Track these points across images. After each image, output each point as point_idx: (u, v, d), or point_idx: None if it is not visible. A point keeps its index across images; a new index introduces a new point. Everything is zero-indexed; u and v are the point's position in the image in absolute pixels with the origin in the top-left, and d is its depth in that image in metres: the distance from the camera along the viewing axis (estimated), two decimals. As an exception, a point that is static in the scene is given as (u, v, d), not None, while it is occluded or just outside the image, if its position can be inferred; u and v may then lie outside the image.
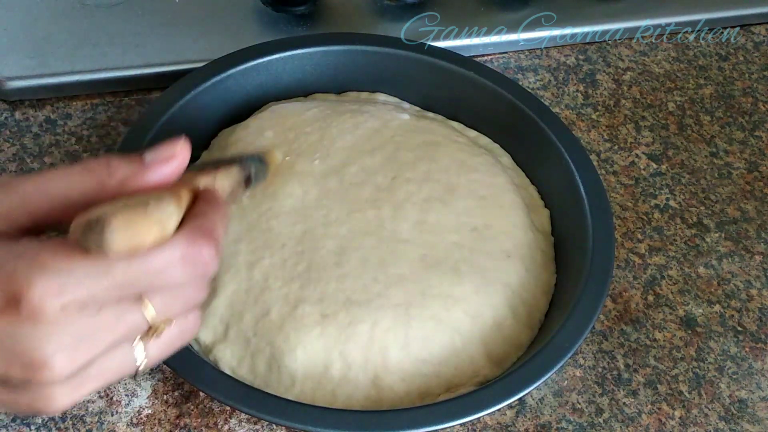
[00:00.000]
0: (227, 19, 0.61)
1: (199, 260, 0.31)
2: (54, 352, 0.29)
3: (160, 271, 0.30)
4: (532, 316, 0.47)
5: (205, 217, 0.32)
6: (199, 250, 0.31)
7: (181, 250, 0.31)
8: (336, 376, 0.43)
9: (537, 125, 0.52)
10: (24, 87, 0.57)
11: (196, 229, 0.31)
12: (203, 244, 0.31)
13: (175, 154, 0.33)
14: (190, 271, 0.31)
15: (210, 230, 0.32)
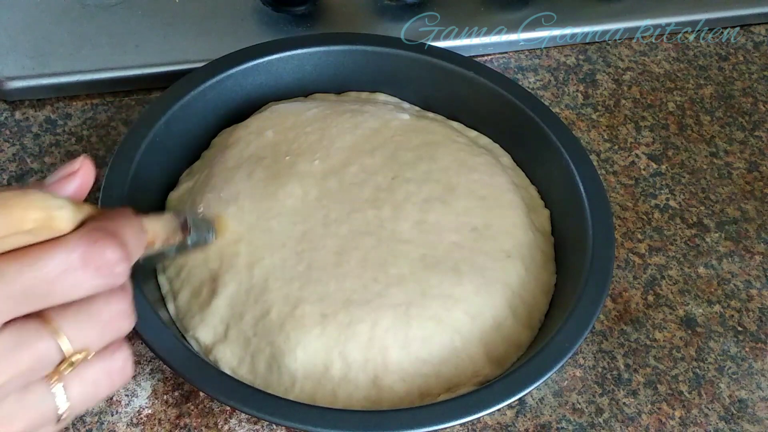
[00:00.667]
0: (227, 19, 0.61)
1: (103, 262, 0.27)
2: None
3: (58, 274, 0.26)
4: (532, 316, 0.47)
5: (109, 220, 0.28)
6: (101, 250, 0.27)
7: (79, 249, 0.26)
8: (336, 376, 0.43)
9: (537, 125, 0.52)
10: (24, 87, 0.57)
11: (96, 228, 0.27)
12: (106, 244, 0.27)
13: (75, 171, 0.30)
14: (93, 276, 0.27)
15: (114, 232, 0.27)
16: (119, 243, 0.27)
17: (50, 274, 0.26)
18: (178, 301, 0.46)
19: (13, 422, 0.27)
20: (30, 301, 0.26)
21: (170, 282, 0.47)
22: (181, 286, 0.46)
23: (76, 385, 0.28)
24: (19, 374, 0.26)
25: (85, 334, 0.28)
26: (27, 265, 0.26)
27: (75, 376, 0.28)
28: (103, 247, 0.27)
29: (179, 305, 0.46)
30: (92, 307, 0.28)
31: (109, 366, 0.29)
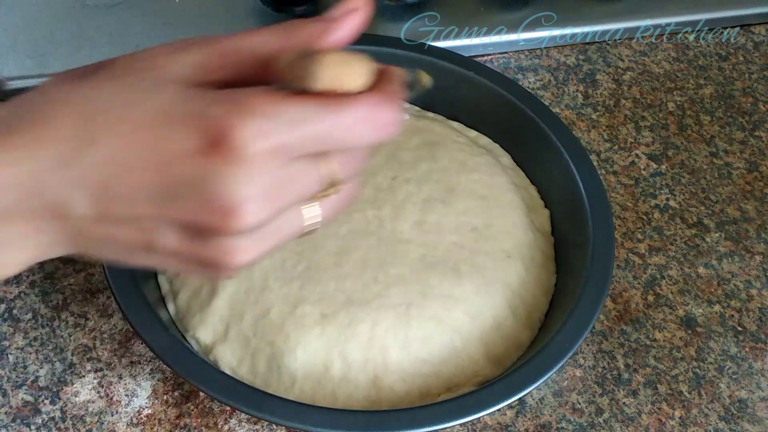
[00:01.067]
0: (227, 19, 0.61)
1: (385, 121, 0.31)
2: (247, 198, 0.29)
3: (349, 125, 0.30)
4: (532, 316, 0.47)
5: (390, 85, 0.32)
6: (385, 111, 0.31)
7: (371, 108, 0.31)
8: (336, 376, 0.43)
9: (537, 125, 0.52)
10: (24, 87, 0.56)
11: (383, 93, 0.31)
12: (388, 106, 0.31)
13: (357, 8, 0.33)
14: (375, 131, 0.31)
15: (392, 96, 0.32)
16: (397, 106, 0.32)
17: (344, 124, 0.30)
18: (178, 301, 0.46)
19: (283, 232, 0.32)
20: (324, 143, 0.31)
21: (170, 282, 0.47)
22: (181, 286, 0.46)
23: (328, 205, 0.33)
24: (299, 197, 0.32)
25: (350, 168, 0.33)
26: (330, 113, 0.30)
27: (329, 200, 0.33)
28: (386, 109, 0.31)
29: (179, 305, 0.46)
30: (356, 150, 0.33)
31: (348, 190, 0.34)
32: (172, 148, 0.29)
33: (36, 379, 0.46)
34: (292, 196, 0.31)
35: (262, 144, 0.29)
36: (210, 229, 0.30)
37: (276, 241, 0.32)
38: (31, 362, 0.46)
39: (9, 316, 0.48)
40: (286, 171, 0.30)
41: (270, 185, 0.30)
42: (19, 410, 0.45)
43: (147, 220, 0.31)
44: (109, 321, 0.48)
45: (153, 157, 0.29)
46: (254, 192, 0.29)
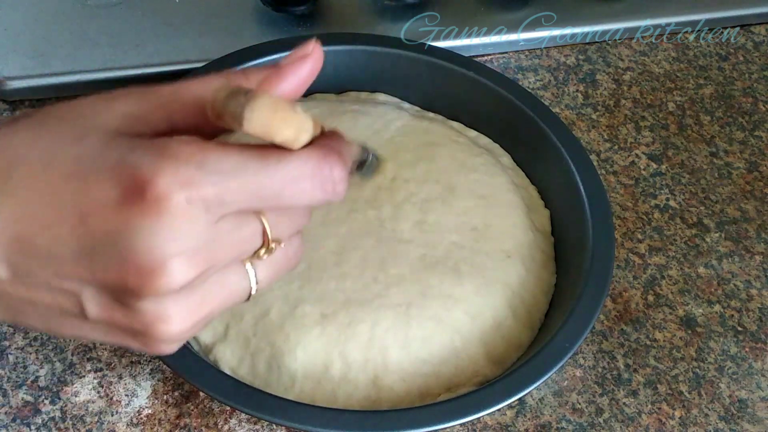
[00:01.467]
0: (227, 19, 0.61)
1: (329, 180, 0.29)
2: (172, 253, 0.27)
3: (289, 181, 0.29)
4: (532, 316, 0.47)
5: (336, 142, 0.30)
6: (330, 168, 0.29)
7: (312, 163, 0.29)
8: (336, 376, 0.43)
9: (537, 125, 0.52)
10: (24, 87, 0.57)
11: (327, 147, 0.30)
12: (335, 162, 0.29)
13: (308, 54, 0.31)
14: (318, 190, 0.29)
15: (339, 152, 0.30)
16: (344, 163, 0.30)
17: (284, 179, 0.28)
18: (178, 301, 0.46)
19: (216, 298, 0.30)
20: (260, 199, 0.28)
21: (170, 282, 0.47)
22: (181, 286, 0.46)
23: (265, 268, 0.31)
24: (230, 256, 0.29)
25: (281, 228, 0.31)
26: (267, 167, 0.28)
27: (265, 260, 0.31)
28: (332, 165, 0.29)
29: (179, 305, 0.46)
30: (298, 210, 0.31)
31: (288, 250, 0.32)
32: (88, 200, 0.27)
33: (36, 379, 0.46)
34: (224, 255, 0.29)
35: (187, 194, 0.27)
36: (132, 291, 0.28)
37: (212, 306, 0.30)
38: (31, 362, 0.46)
39: (9, 316, 0.48)
40: (216, 227, 0.28)
41: (196, 242, 0.27)
42: (19, 410, 0.45)
43: (66, 282, 0.28)
44: (109, 321, 0.48)
45: (69, 211, 0.27)
46: (178, 248, 0.27)
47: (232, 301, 0.31)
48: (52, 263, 0.28)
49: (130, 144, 0.28)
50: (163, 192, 0.26)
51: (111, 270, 0.28)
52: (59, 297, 0.29)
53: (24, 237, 0.28)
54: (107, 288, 0.28)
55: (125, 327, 0.29)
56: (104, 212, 0.27)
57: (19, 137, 0.29)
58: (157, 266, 0.27)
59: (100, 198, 0.27)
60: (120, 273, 0.27)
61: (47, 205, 0.28)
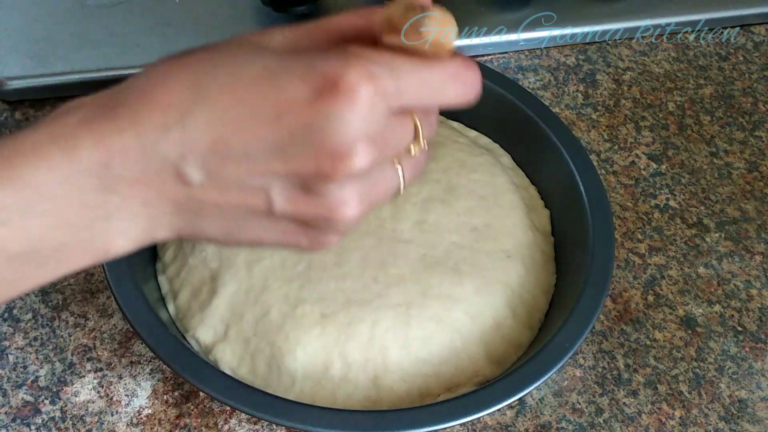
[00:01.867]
0: (227, 19, 0.61)
1: (471, 82, 0.33)
2: (357, 138, 0.30)
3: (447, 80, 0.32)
4: (532, 316, 0.47)
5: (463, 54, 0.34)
6: (473, 72, 0.33)
7: (461, 67, 0.33)
8: (336, 376, 0.43)
9: (537, 125, 0.52)
10: (24, 87, 0.57)
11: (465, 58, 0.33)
12: (474, 68, 0.33)
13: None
14: (462, 89, 0.33)
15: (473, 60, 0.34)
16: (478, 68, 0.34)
17: (440, 78, 0.32)
18: (178, 301, 0.46)
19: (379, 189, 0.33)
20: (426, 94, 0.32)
21: (170, 282, 0.47)
22: (181, 286, 0.46)
23: (408, 167, 0.34)
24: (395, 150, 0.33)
25: (429, 130, 0.34)
26: (431, 67, 0.32)
27: (409, 161, 0.34)
28: (473, 70, 0.33)
29: (179, 305, 0.46)
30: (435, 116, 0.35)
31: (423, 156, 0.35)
32: (282, 99, 0.30)
33: (36, 379, 0.46)
34: (392, 146, 0.32)
35: (374, 86, 0.30)
36: (323, 175, 0.31)
37: (377, 196, 0.33)
38: (31, 362, 0.46)
39: (9, 316, 0.48)
40: (388, 119, 0.31)
41: (376, 130, 0.31)
42: (19, 410, 0.45)
43: (257, 179, 0.31)
44: (109, 321, 0.48)
45: (264, 112, 0.30)
46: (363, 133, 0.30)
47: (387, 195, 0.34)
48: (246, 161, 0.31)
49: (311, 53, 0.32)
50: (354, 83, 0.30)
51: (305, 159, 0.30)
52: (248, 195, 0.32)
53: (220, 140, 0.30)
54: (298, 177, 0.31)
55: (308, 216, 0.32)
56: (299, 108, 0.30)
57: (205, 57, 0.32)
58: (346, 150, 0.30)
59: (293, 96, 0.30)
60: (314, 159, 0.30)
61: (241, 109, 0.30)
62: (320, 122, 0.30)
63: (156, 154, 0.30)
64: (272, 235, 0.33)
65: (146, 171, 0.31)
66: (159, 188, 0.31)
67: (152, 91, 0.31)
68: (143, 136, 0.30)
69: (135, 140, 0.30)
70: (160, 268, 0.48)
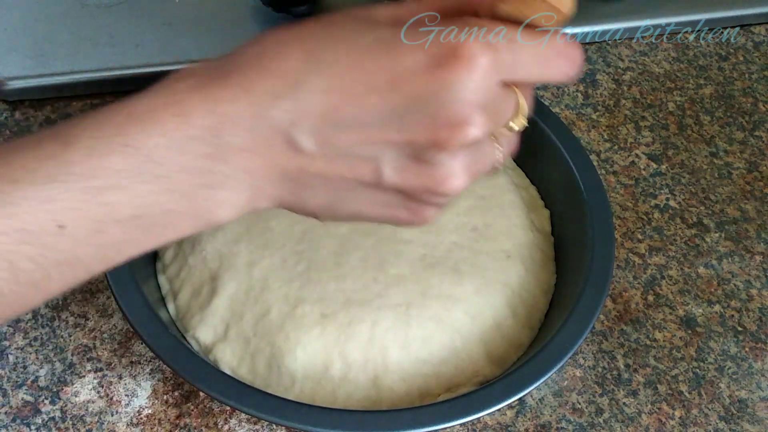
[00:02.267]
0: (227, 19, 0.61)
1: (574, 60, 0.32)
2: (477, 106, 0.30)
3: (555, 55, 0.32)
4: (532, 316, 0.47)
5: None
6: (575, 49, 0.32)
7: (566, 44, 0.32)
8: (336, 376, 0.43)
9: (537, 125, 0.52)
10: (24, 87, 0.57)
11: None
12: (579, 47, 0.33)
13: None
14: (565, 66, 0.32)
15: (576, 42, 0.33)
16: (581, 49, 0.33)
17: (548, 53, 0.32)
18: (178, 301, 0.46)
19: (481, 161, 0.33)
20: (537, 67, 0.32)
21: (170, 282, 0.47)
22: (181, 286, 0.46)
23: (505, 143, 0.34)
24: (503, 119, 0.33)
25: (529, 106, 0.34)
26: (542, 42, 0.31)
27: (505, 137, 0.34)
28: (577, 47, 0.33)
29: (179, 305, 0.46)
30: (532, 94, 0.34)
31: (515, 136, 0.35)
32: (399, 68, 0.30)
33: (36, 379, 0.46)
34: (500, 117, 0.32)
35: (492, 55, 0.30)
36: (439, 144, 0.30)
37: (479, 168, 0.33)
38: (31, 362, 0.46)
39: (9, 316, 0.48)
40: (498, 92, 0.31)
41: (489, 100, 0.31)
42: (19, 410, 0.45)
43: (369, 148, 0.31)
44: (109, 321, 0.48)
45: (380, 80, 0.30)
46: (479, 103, 0.30)
47: (487, 168, 0.34)
48: (359, 130, 0.31)
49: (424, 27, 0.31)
50: (474, 51, 0.29)
51: (421, 127, 0.30)
52: (358, 165, 0.32)
53: (333, 108, 0.30)
54: (412, 147, 0.31)
55: (415, 188, 0.32)
56: (416, 76, 0.30)
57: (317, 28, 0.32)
58: (464, 119, 0.30)
59: (411, 64, 0.30)
60: (431, 128, 0.30)
61: (357, 77, 0.30)
62: (439, 90, 0.30)
63: (268, 121, 0.30)
64: (374, 208, 0.34)
65: (256, 138, 0.31)
66: (268, 156, 0.31)
67: (265, 58, 0.31)
68: (255, 104, 0.30)
69: (247, 107, 0.30)
70: (160, 267, 0.48)
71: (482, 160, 0.33)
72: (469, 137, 0.30)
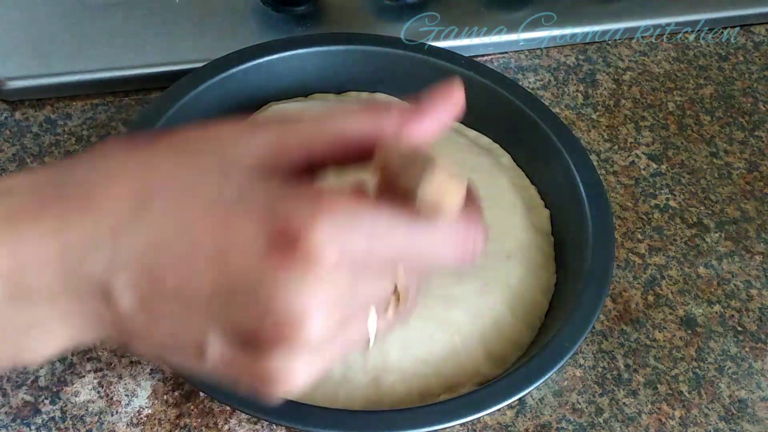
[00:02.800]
0: (227, 19, 0.61)
1: (471, 249, 0.29)
2: (316, 308, 0.26)
3: (435, 247, 0.28)
4: (532, 316, 0.47)
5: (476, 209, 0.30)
6: (474, 238, 0.29)
7: (459, 233, 0.29)
8: (336, 376, 0.43)
9: (537, 125, 0.52)
10: (24, 87, 0.57)
11: (472, 216, 0.29)
12: (478, 233, 0.29)
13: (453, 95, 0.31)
14: (458, 257, 0.29)
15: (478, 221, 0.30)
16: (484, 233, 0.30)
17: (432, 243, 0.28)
18: (178, 301, 0.46)
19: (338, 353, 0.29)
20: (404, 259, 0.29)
21: (170, 282, 0.47)
22: (181, 286, 0.46)
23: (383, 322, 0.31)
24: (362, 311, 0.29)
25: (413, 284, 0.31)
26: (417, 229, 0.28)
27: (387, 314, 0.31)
28: (476, 235, 0.29)
29: (179, 305, 0.46)
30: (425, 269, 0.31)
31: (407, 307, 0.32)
32: (231, 238, 0.26)
33: (36, 379, 0.46)
34: (360, 308, 0.29)
35: (339, 249, 0.26)
36: (265, 342, 0.26)
37: (334, 359, 0.29)
38: (31, 362, 0.46)
39: (9, 316, 0.48)
40: (358, 282, 0.27)
41: (339, 296, 0.27)
42: (19, 410, 0.45)
43: (193, 319, 0.27)
44: (109, 321, 0.48)
45: (208, 246, 0.26)
46: (320, 305, 0.26)
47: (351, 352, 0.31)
48: (182, 301, 0.27)
49: (279, 189, 0.27)
50: (316, 247, 0.25)
51: (246, 316, 0.26)
52: (181, 333, 0.28)
53: (156, 267, 0.27)
54: (237, 333, 0.27)
55: (246, 372, 0.28)
56: (248, 255, 0.26)
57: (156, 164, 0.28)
58: (297, 320, 0.26)
59: (244, 239, 0.26)
60: (256, 321, 0.26)
61: (184, 236, 0.26)
62: (271, 282, 0.26)
63: (79, 271, 0.26)
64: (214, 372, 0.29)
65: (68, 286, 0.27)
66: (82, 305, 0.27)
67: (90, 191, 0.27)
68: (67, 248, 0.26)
69: (57, 252, 0.26)
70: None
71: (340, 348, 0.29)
72: (302, 339, 0.26)
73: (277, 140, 0.29)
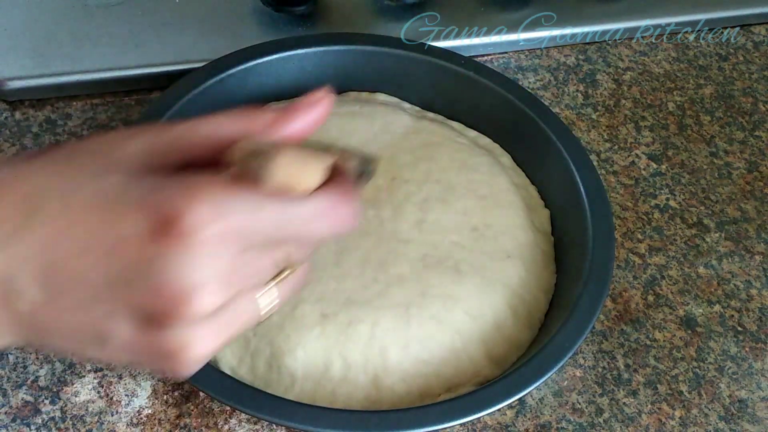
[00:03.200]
0: (227, 19, 0.61)
1: (339, 218, 0.32)
2: (200, 283, 0.28)
3: (306, 220, 0.31)
4: (532, 316, 0.47)
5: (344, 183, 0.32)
6: (343, 207, 0.32)
7: (327, 204, 0.31)
8: (336, 376, 0.43)
9: (537, 125, 0.52)
10: (24, 87, 0.57)
11: (339, 188, 0.32)
12: (345, 202, 0.32)
13: (320, 100, 0.34)
14: (329, 226, 0.32)
15: (347, 192, 0.32)
16: (352, 201, 0.32)
17: (303, 218, 0.31)
18: (178, 301, 0.46)
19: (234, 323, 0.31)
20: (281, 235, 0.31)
21: (170, 282, 0.47)
22: (181, 286, 0.46)
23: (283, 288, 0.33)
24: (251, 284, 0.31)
25: (297, 257, 0.33)
26: (287, 206, 0.30)
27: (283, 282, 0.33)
28: (345, 204, 0.32)
29: (179, 305, 0.46)
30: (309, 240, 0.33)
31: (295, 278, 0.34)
32: (116, 231, 0.28)
33: (36, 379, 0.46)
34: (247, 282, 0.31)
35: (215, 227, 0.28)
36: (163, 317, 0.29)
37: (233, 330, 0.31)
38: (31, 362, 0.46)
39: (9, 316, 0.48)
40: (241, 257, 0.30)
41: (224, 271, 0.29)
42: (19, 410, 0.45)
43: (98, 306, 0.29)
44: (109, 321, 0.48)
45: (96, 242, 0.29)
46: (207, 277, 0.29)
47: (246, 326, 0.32)
48: (85, 288, 0.29)
49: (155, 180, 0.30)
50: (191, 226, 0.28)
51: (143, 296, 0.29)
52: (90, 320, 0.30)
53: (57, 263, 0.29)
54: (138, 313, 0.29)
55: (151, 351, 0.30)
56: (133, 243, 0.28)
57: (43, 171, 0.31)
58: (186, 294, 0.28)
59: (128, 230, 0.28)
60: (152, 299, 0.29)
61: (74, 236, 0.29)
62: (157, 262, 0.28)
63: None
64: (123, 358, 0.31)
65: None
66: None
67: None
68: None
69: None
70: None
71: (237, 319, 0.31)
72: (195, 312, 0.29)
73: (153, 143, 0.32)
